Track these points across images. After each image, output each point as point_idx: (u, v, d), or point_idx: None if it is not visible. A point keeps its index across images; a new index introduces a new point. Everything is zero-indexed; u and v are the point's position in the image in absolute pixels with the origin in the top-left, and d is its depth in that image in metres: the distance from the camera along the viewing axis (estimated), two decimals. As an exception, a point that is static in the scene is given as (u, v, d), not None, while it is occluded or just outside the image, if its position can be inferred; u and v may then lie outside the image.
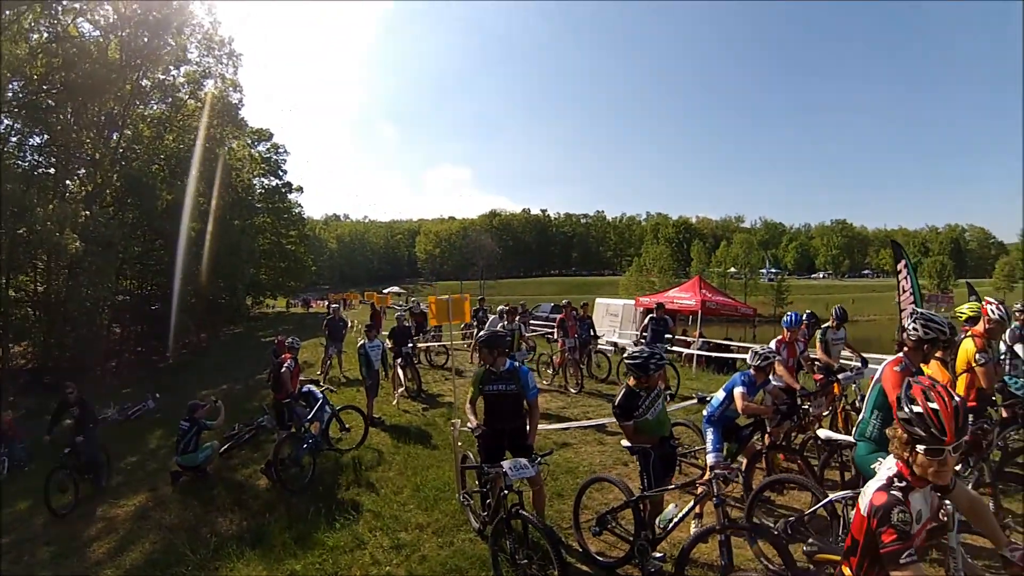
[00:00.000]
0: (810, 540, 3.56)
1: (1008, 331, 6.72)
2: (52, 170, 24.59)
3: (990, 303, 5.64)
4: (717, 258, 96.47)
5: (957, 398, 2.41)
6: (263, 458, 9.28)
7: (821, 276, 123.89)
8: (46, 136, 23.49)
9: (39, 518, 8.98)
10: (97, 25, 24.52)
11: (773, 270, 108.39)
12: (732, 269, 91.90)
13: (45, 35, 22.05)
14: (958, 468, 3.65)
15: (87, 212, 21.43)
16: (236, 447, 10.63)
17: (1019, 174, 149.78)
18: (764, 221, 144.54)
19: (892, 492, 2.34)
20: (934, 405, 2.32)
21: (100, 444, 10.35)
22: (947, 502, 2.99)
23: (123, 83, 24.43)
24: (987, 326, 5.49)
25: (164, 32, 25.79)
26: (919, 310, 4.50)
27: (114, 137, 25.96)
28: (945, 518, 3.53)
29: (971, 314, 5.98)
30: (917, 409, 2.34)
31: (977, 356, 5.29)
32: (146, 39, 25.12)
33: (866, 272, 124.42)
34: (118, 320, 27.99)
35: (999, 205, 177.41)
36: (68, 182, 25.43)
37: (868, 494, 2.41)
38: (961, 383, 5.45)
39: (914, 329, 4.22)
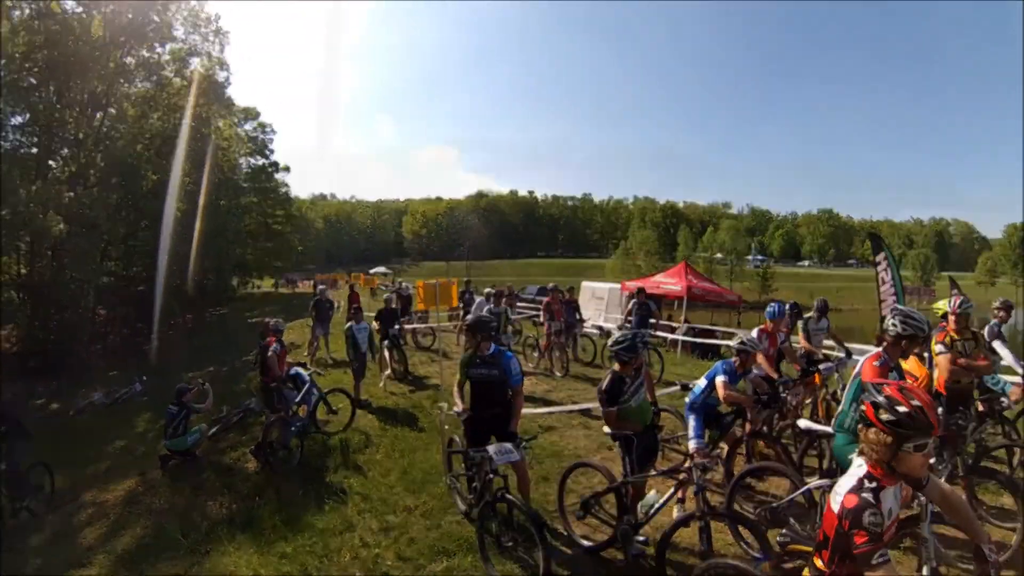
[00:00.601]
0: (784, 530, 3.65)
1: (987, 328, 6.90)
2: (34, 150, 24.10)
3: (955, 298, 5.90)
4: (704, 244, 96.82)
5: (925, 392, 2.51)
6: (251, 441, 9.33)
7: (807, 264, 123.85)
8: (28, 115, 23.04)
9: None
10: (80, 1, 24.05)
11: (759, 257, 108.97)
12: (718, 255, 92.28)
13: (27, 11, 21.57)
14: (932, 461, 3.75)
15: (71, 193, 21.10)
16: (224, 430, 10.66)
17: (1005, 170, 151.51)
18: (751, 208, 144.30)
19: (863, 495, 2.37)
20: (915, 402, 2.37)
21: (33, 461, 9.21)
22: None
23: (107, 61, 23.93)
24: (950, 317, 5.77)
25: (148, 8, 25.31)
26: (899, 306, 4.64)
27: (98, 116, 25.44)
28: (918, 508, 3.67)
29: (946, 310, 6.16)
30: (903, 409, 2.37)
31: (936, 347, 5.52)
32: (130, 15, 24.62)
33: (851, 261, 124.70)
34: (103, 302, 27.66)
35: (983, 200, 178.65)
36: (51, 162, 24.85)
37: (840, 494, 2.45)
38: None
39: (893, 325, 4.33)
